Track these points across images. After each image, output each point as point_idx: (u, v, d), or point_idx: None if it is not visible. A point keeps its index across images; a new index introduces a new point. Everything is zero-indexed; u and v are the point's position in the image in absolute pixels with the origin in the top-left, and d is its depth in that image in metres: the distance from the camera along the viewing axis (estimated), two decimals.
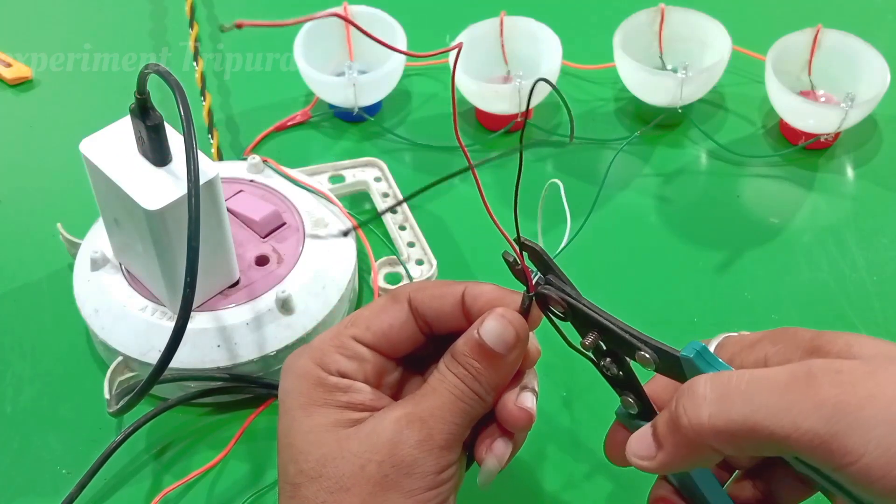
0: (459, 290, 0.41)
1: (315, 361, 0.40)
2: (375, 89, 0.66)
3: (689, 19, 0.68)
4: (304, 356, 0.41)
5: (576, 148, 0.66)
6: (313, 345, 0.41)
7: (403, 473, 0.38)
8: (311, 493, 0.38)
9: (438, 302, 0.41)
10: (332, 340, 0.41)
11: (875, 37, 0.66)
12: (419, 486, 0.38)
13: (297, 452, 0.39)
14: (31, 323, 0.57)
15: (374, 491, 0.37)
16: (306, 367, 0.40)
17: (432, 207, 0.63)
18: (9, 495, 0.50)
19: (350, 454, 0.38)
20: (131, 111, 0.46)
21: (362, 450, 0.38)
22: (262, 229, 0.55)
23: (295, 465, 0.39)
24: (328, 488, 0.38)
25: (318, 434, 0.39)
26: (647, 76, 0.65)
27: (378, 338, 0.41)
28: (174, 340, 0.45)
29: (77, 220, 0.58)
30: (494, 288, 0.41)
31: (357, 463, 0.38)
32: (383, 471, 0.38)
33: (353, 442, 0.38)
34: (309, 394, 0.40)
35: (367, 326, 0.41)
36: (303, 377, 0.40)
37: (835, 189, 0.64)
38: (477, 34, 0.67)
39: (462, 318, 0.41)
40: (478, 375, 0.39)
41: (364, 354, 0.41)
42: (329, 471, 0.38)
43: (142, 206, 0.46)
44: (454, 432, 0.39)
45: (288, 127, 0.68)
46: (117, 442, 0.50)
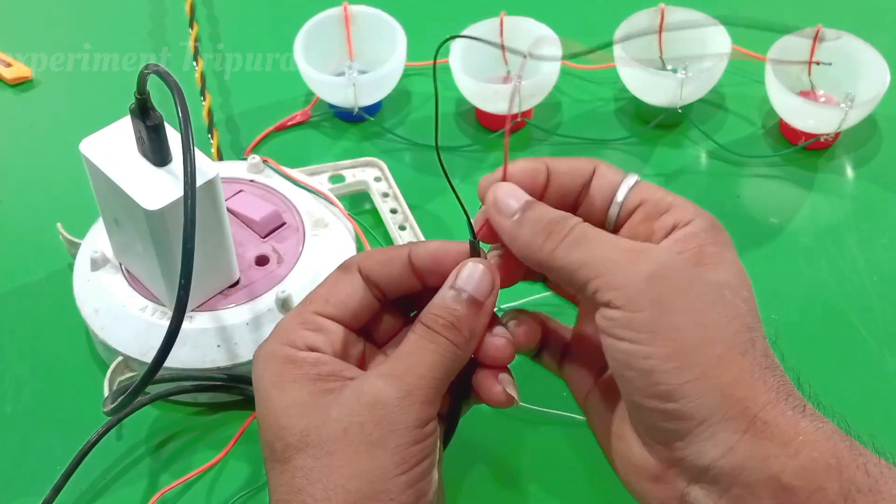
0: (405, 251, 0.42)
1: (282, 341, 0.41)
2: (376, 89, 0.66)
3: (689, 19, 0.68)
4: (272, 340, 0.42)
5: (576, 148, 0.66)
6: (277, 328, 0.42)
7: (387, 431, 0.38)
8: (298, 463, 0.38)
9: (388, 267, 0.42)
10: (295, 319, 0.42)
11: (875, 37, 0.66)
12: (404, 440, 0.38)
13: (280, 429, 0.39)
14: (31, 323, 0.57)
15: (359, 450, 0.38)
16: (274, 348, 0.41)
17: (432, 207, 0.63)
18: (9, 495, 0.50)
19: (331, 420, 0.38)
20: (131, 111, 0.46)
21: (343, 414, 0.38)
22: (262, 229, 0.55)
23: (281, 441, 0.39)
24: (314, 455, 0.38)
25: (297, 407, 0.39)
26: (647, 76, 0.65)
27: (339, 309, 0.42)
28: (167, 342, 0.45)
29: (77, 220, 0.58)
30: (438, 242, 0.42)
31: (339, 427, 0.38)
32: (366, 430, 0.38)
33: (333, 409, 0.39)
34: (281, 372, 0.40)
35: (327, 300, 0.42)
36: (272, 358, 0.41)
37: (834, 189, 0.64)
38: (477, 34, 0.67)
39: (413, 279, 0.42)
40: (458, 324, 0.40)
41: (328, 326, 0.42)
42: (313, 439, 0.38)
43: (142, 206, 0.46)
44: (434, 386, 0.39)
45: (288, 127, 0.68)
46: (99, 433, 0.50)
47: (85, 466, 0.50)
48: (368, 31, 0.68)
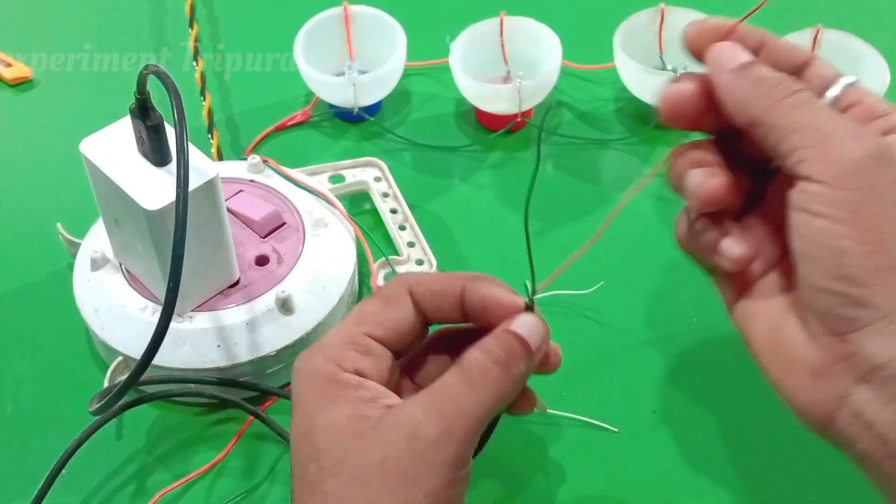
0: (458, 287, 0.41)
1: (329, 359, 0.40)
2: (376, 89, 0.66)
3: (690, 19, 0.67)
4: (318, 354, 0.41)
5: (576, 148, 0.66)
6: (326, 342, 0.41)
7: (423, 468, 0.37)
8: (331, 489, 0.38)
9: (440, 298, 0.42)
10: (346, 337, 0.41)
11: (875, 37, 0.66)
12: (438, 482, 0.37)
13: (316, 450, 0.38)
14: (31, 323, 0.57)
15: (393, 485, 0.37)
16: (320, 365, 0.40)
17: (432, 207, 0.63)
18: (8, 495, 0.50)
19: (369, 449, 0.38)
20: (131, 111, 0.46)
21: (381, 444, 0.38)
22: (262, 229, 0.55)
23: (316, 463, 0.38)
24: (348, 483, 0.37)
25: (336, 430, 0.38)
26: (647, 77, 0.65)
27: (389, 333, 0.41)
28: (155, 341, 0.45)
29: (77, 220, 0.58)
30: (495, 288, 0.41)
31: (376, 458, 0.37)
32: (402, 466, 0.37)
33: (371, 437, 0.38)
34: (324, 391, 0.39)
35: (378, 322, 0.41)
36: (316, 375, 0.40)
37: None
38: (477, 34, 0.67)
39: (458, 313, 0.42)
40: (511, 363, 0.39)
41: (376, 350, 0.41)
42: (349, 467, 0.38)
43: (142, 206, 0.46)
44: (474, 426, 0.38)
45: (288, 127, 0.68)
46: (87, 432, 0.50)
47: (85, 467, 0.50)
48: (368, 31, 0.68)
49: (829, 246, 0.35)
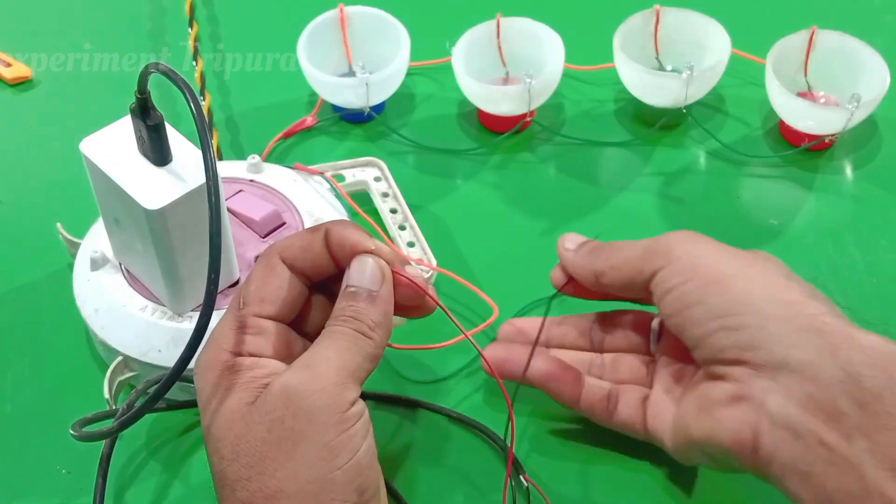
0: (321, 236, 0.42)
1: (223, 349, 0.41)
2: (382, 90, 0.66)
3: (687, 20, 0.68)
4: (211, 348, 0.41)
5: (577, 149, 0.66)
6: (217, 335, 0.42)
7: (305, 421, 0.38)
8: (233, 475, 0.38)
9: (309, 253, 0.43)
10: (232, 324, 0.42)
11: (875, 37, 0.66)
12: (325, 427, 0.38)
13: (215, 441, 0.39)
14: (31, 323, 0.57)
15: (286, 448, 0.38)
16: (213, 357, 0.41)
17: (433, 208, 0.63)
18: (9, 495, 0.50)
19: (255, 424, 0.38)
20: (132, 111, 0.46)
21: (263, 415, 0.38)
22: (261, 229, 0.55)
23: (217, 455, 0.39)
24: (247, 463, 0.38)
25: (227, 417, 0.39)
26: (649, 78, 0.65)
27: (275, 306, 0.42)
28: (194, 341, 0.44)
29: (77, 220, 0.58)
30: (354, 231, 0.43)
31: (263, 429, 0.38)
32: (287, 425, 0.38)
33: (255, 413, 0.39)
34: (218, 381, 0.40)
35: (262, 300, 0.42)
36: (211, 368, 0.41)
37: (834, 190, 0.64)
38: (476, 37, 0.67)
39: (330, 262, 0.43)
40: (358, 316, 0.41)
41: (267, 327, 0.42)
42: (243, 447, 0.38)
43: (142, 206, 0.46)
44: (345, 368, 0.39)
45: (297, 132, 0.68)
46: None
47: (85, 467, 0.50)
48: (369, 31, 0.68)
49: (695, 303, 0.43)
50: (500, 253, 0.60)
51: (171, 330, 0.51)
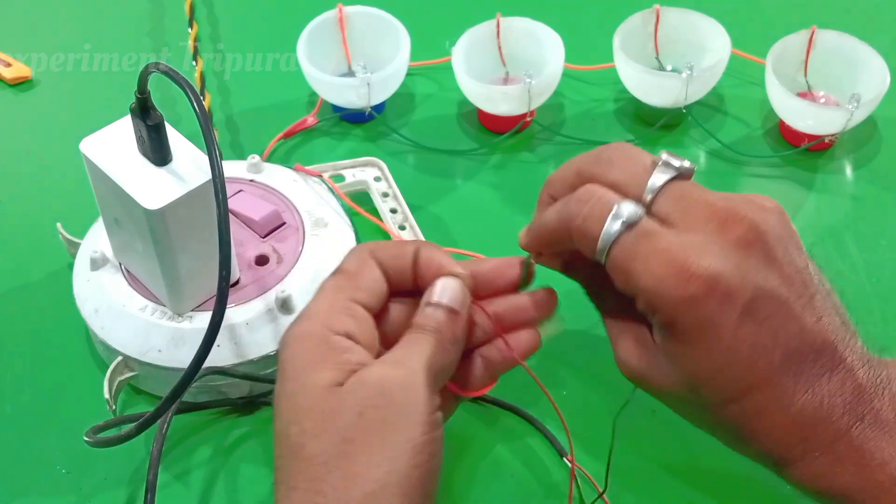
0: (412, 250, 0.44)
1: (321, 323, 0.41)
2: (382, 89, 0.66)
3: (687, 20, 0.68)
4: (308, 320, 0.42)
5: (577, 149, 0.66)
6: (314, 310, 0.42)
7: (397, 413, 0.39)
8: (315, 450, 0.38)
9: (398, 261, 0.44)
10: (333, 303, 0.42)
11: (875, 37, 0.66)
12: (414, 423, 0.38)
13: (298, 412, 0.39)
14: (31, 323, 0.57)
15: (375, 435, 0.38)
16: (312, 329, 0.41)
17: (433, 208, 0.63)
18: (9, 495, 0.50)
19: (346, 407, 0.39)
20: (132, 111, 0.46)
21: (355, 400, 0.39)
22: (261, 229, 0.55)
23: (297, 426, 0.39)
24: (332, 441, 0.38)
25: (318, 392, 0.39)
26: (649, 77, 0.65)
27: (368, 295, 0.43)
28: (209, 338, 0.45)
29: (77, 220, 0.58)
30: (441, 254, 0.44)
31: (355, 412, 0.39)
32: (380, 413, 0.38)
33: (348, 396, 0.39)
34: (311, 354, 0.41)
35: (356, 287, 0.43)
36: (308, 337, 0.41)
37: (834, 190, 0.64)
38: (475, 37, 0.67)
39: (412, 276, 0.44)
40: (440, 328, 0.42)
41: (360, 314, 0.43)
42: (330, 425, 0.39)
43: (142, 206, 0.46)
44: (430, 372, 0.40)
45: (297, 132, 0.68)
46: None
47: (86, 468, 0.50)
48: (369, 31, 0.68)
49: None
50: (500, 253, 0.60)
51: (171, 330, 0.51)
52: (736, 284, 0.38)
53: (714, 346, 0.39)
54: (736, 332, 0.39)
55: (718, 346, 0.39)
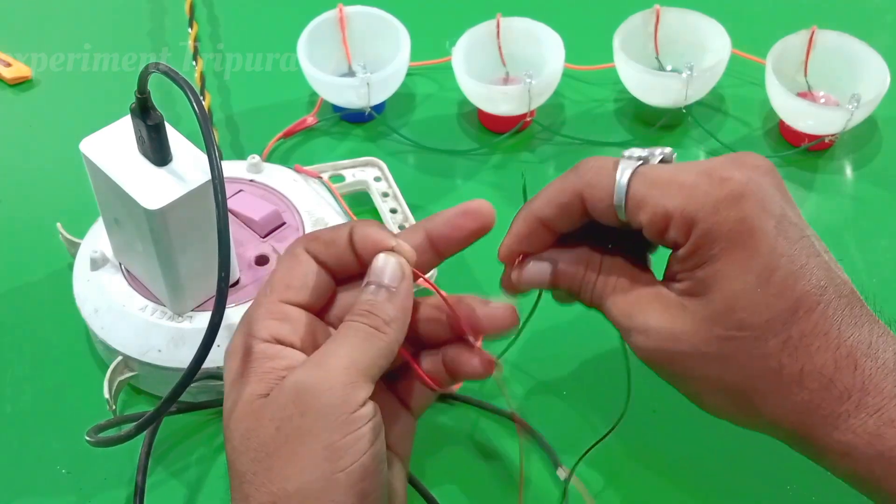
0: (346, 232, 0.42)
1: (248, 333, 0.41)
2: (382, 89, 0.66)
3: (687, 20, 0.68)
4: (238, 332, 0.42)
5: (577, 149, 0.66)
6: (243, 320, 0.42)
7: (313, 418, 0.38)
8: (242, 467, 0.39)
9: (333, 247, 0.42)
10: (258, 309, 0.42)
11: (875, 37, 0.66)
12: (331, 425, 0.37)
13: (228, 431, 0.40)
14: (31, 323, 0.57)
15: (293, 446, 0.38)
16: (237, 342, 0.41)
17: (433, 208, 0.63)
18: (9, 495, 0.50)
19: (266, 420, 0.38)
20: (132, 111, 0.46)
21: (273, 411, 0.38)
22: (261, 229, 0.55)
23: (229, 444, 0.39)
24: (255, 458, 0.38)
25: (240, 408, 0.39)
26: (650, 78, 0.65)
27: (300, 293, 0.42)
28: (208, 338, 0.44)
29: (77, 220, 0.58)
30: (377, 230, 0.42)
31: (273, 426, 0.38)
32: (295, 423, 0.38)
33: (266, 409, 0.39)
34: (238, 368, 0.40)
35: (287, 286, 0.42)
36: (234, 352, 0.41)
37: (834, 190, 0.64)
38: (476, 37, 0.67)
39: (353, 259, 0.42)
40: (373, 310, 0.40)
41: (293, 314, 0.42)
42: (252, 442, 0.38)
43: (142, 206, 0.46)
44: (356, 367, 0.39)
45: (297, 132, 0.67)
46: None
47: (87, 468, 0.50)
48: (369, 31, 0.68)
49: None
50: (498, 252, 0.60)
51: (171, 330, 0.51)
52: (767, 196, 0.38)
53: (755, 254, 0.38)
54: (775, 243, 0.38)
55: (760, 253, 0.38)
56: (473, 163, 0.66)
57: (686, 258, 0.39)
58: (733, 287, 0.38)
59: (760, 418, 0.40)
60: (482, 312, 0.43)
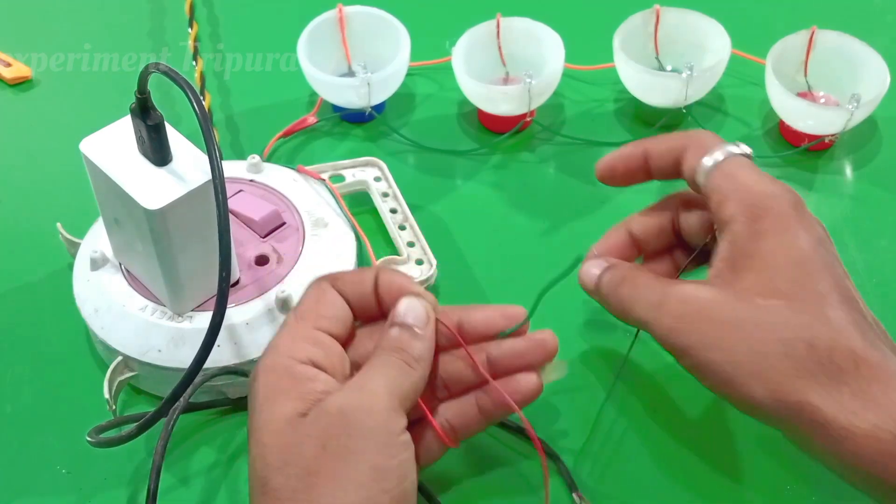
0: (372, 275, 0.44)
1: (285, 354, 0.42)
2: (382, 89, 0.66)
3: (687, 20, 0.68)
4: (273, 353, 0.42)
5: (577, 148, 0.67)
6: (278, 342, 0.43)
7: (359, 438, 0.39)
8: (279, 483, 0.39)
9: (359, 287, 0.44)
10: (296, 333, 0.43)
11: (875, 37, 0.66)
12: (376, 449, 0.39)
13: (261, 446, 0.40)
14: (31, 323, 0.57)
15: (339, 464, 0.38)
16: (276, 360, 0.42)
17: (433, 207, 0.63)
18: (9, 495, 0.50)
19: (309, 438, 0.39)
20: (132, 111, 0.46)
21: (317, 431, 0.39)
22: (262, 229, 0.55)
23: (261, 460, 0.40)
24: (296, 474, 0.39)
25: (278, 425, 0.40)
26: (650, 78, 0.65)
27: (331, 322, 0.44)
28: (209, 339, 0.45)
29: (77, 220, 0.58)
30: (400, 277, 0.45)
31: (318, 444, 0.39)
32: (342, 442, 0.39)
33: (309, 426, 0.39)
34: (276, 386, 0.41)
35: (319, 315, 0.44)
36: (272, 370, 0.42)
37: (834, 190, 0.64)
38: (476, 37, 0.67)
39: (375, 301, 0.44)
40: (404, 347, 0.42)
41: (326, 341, 0.43)
42: (293, 457, 0.39)
43: (142, 206, 0.46)
44: (394, 395, 0.40)
45: (297, 132, 0.67)
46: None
47: (87, 468, 0.50)
48: (369, 31, 0.68)
49: None
50: (499, 251, 0.60)
51: (171, 330, 0.51)
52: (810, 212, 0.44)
53: (793, 236, 0.42)
54: (820, 237, 0.44)
55: (797, 237, 0.42)
56: (473, 163, 0.66)
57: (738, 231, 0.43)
58: (776, 259, 0.42)
59: (777, 394, 0.40)
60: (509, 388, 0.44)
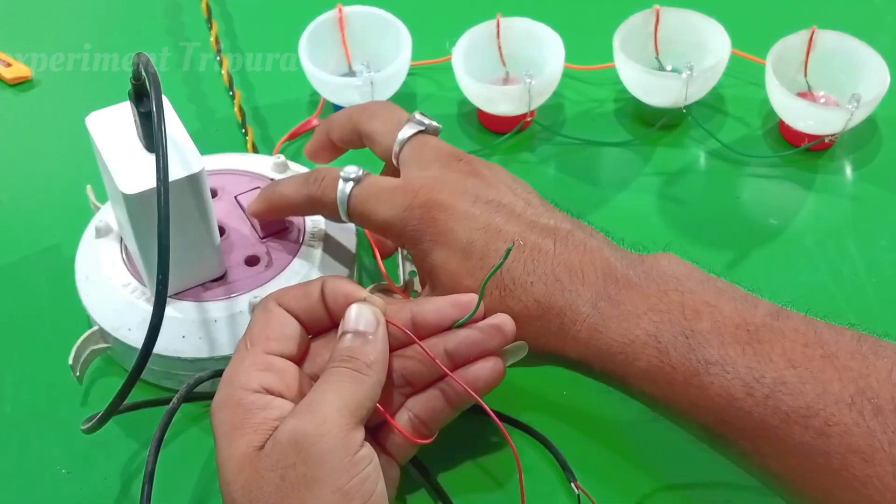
0: (318, 287, 0.44)
1: (236, 385, 0.41)
2: (385, 88, 0.66)
3: (687, 20, 0.68)
4: (225, 386, 0.42)
5: (577, 148, 0.67)
6: (229, 373, 0.42)
7: (316, 465, 0.38)
8: None
9: (305, 301, 0.44)
10: (242, 362, 0.42)
11: (875, 37, 0.66)
12: (336, 470, 0.38)
13: (226, 484, 0.40)
14: (31, 323, 0.57)
15: (301, 496, 0.38)
16: (227, 394, 0.41)
17: None
18: (9, 495, 0.50)
19: (266, 472, 0.39)
20: (129, 95, 0.46)
21: (273, 462, 0.39)
22: (263, 230, 0.55)
23: (228, 497, 0.40)
24: None
25: (237, 462, 0.40)
26: (650, 78, 0.65)
27: (281, 343, 0.43)
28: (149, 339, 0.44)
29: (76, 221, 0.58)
30: (347, 284, 0.44)
31: (276, 476, 0.38)
32: (299, 471, 0.38)
33: (265, 460, 0.39)
34: (230, 421, 0.41)
35: (267, 338, 0.43)
36: (225, 405, 0.41)
37: (834, 190, 0.64)
38: (476, 36, 0.67)
39: (324, 312, 0.44)
40: (354, 354, 0.41)
41: (278, 364, 0.43)
42: (256, 494, 0.39)
43: (119, 189, 0.46)
44: (347, 410, 0.40)
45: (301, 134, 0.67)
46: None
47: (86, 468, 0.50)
48: (370, 31, 0.68)
49: None
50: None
51: (145, 312, 0.51)
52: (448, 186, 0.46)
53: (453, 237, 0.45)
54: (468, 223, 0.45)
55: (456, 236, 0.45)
56: None
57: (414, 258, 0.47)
58: (448, 269, 0.45)
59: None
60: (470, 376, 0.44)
